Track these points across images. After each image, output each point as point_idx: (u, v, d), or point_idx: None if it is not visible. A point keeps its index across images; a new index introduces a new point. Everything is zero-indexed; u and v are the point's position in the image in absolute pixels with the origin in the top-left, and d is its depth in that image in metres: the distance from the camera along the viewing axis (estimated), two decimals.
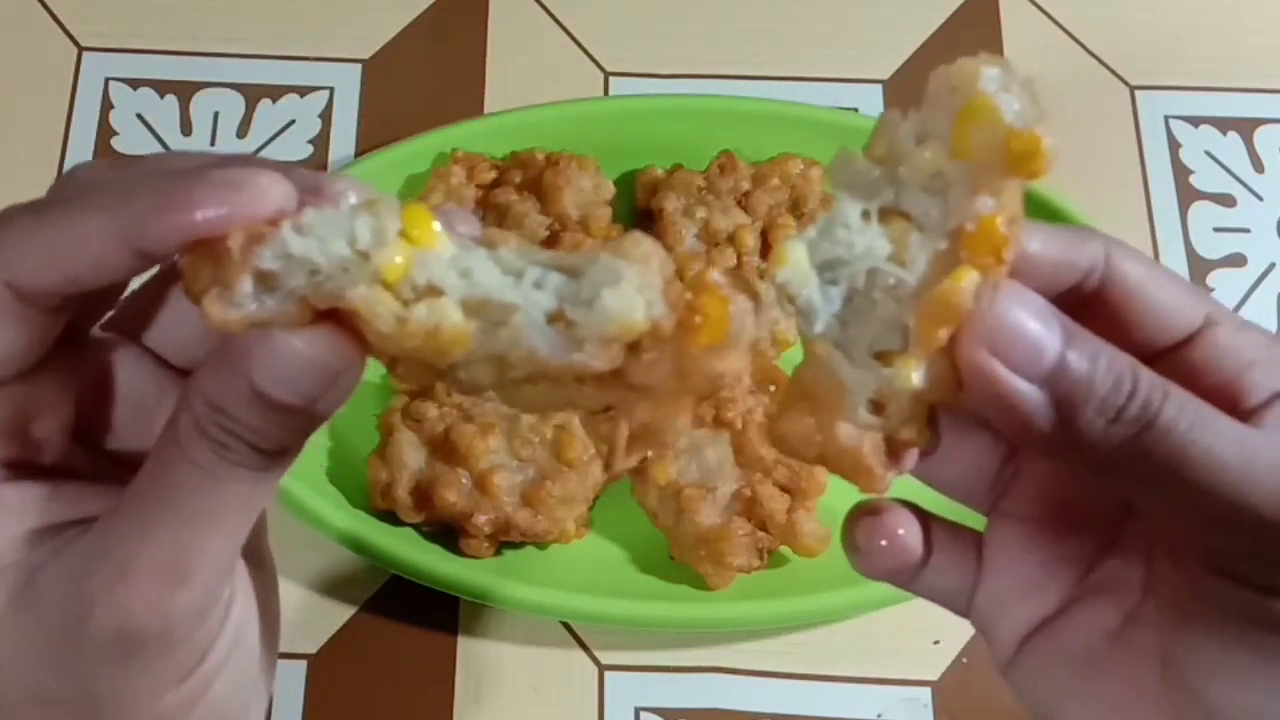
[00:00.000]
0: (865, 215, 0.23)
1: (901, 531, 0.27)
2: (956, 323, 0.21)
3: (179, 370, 0.27)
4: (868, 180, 0.23)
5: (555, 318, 0.22)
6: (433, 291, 0.22)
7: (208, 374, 0.23)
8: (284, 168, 0.23)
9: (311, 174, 0.23)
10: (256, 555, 0.28)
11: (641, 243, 0.22)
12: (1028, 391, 0.22)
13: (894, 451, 0.23)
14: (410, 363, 0.23)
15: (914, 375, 0.22)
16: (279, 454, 0.23)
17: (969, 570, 0.27)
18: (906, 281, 0.22)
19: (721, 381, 0.22)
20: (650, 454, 0.23)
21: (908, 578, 0.27)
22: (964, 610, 0.27)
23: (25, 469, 0.24)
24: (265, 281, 0.22)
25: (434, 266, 0.22)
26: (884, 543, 0.27)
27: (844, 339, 0.23)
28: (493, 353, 0.22)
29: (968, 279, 0.21)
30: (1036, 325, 0.22)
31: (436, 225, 0.22)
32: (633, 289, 0.21)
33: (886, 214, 0.23)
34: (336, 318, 0.22)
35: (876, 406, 0.23)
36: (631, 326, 0.21)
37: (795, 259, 0.23)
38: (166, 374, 0.27)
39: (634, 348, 0.22)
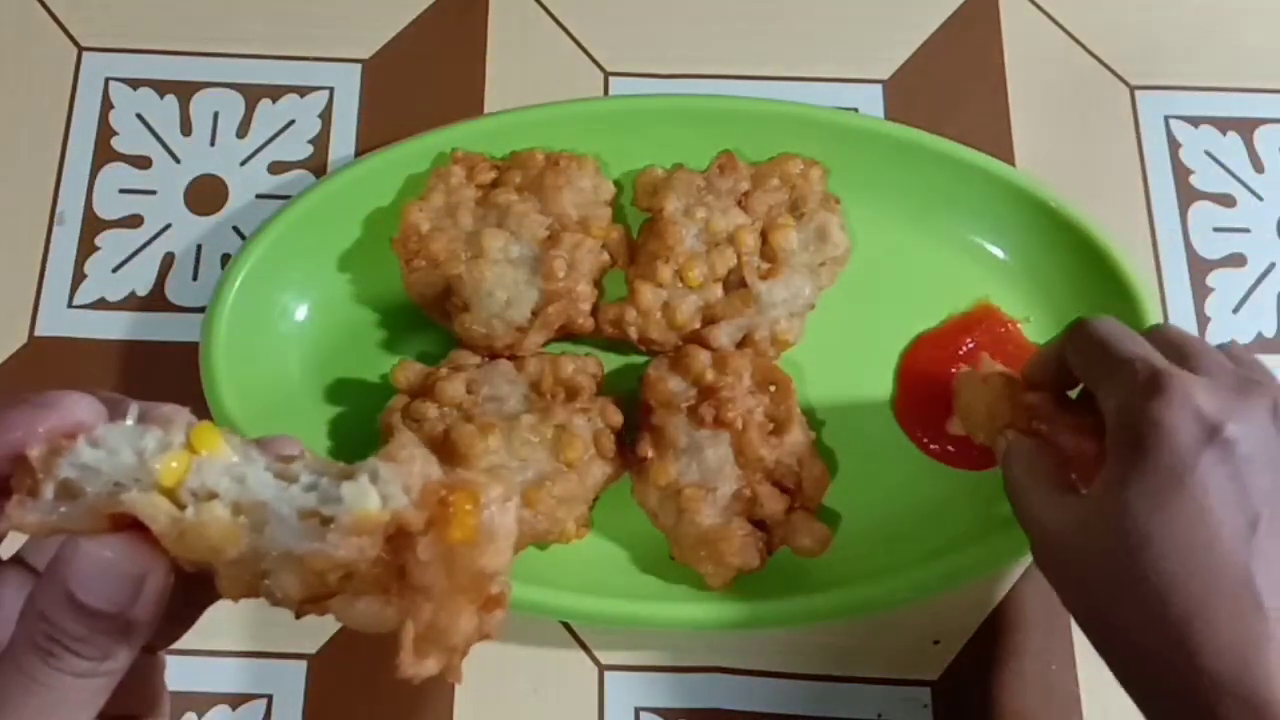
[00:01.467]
0: None
1: None
2: None
3: None
4: None
5: (311, 515, 0.25)
6: (210, 496, 0.25)
7: (39, 585, 0.25)
8: (106, 396, 0.26)
9: (125, 400, 0.27)
10: None
11: (406, 446, 0.25)
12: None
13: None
14: (228, 575, 0.25)
15: None
16: (100, 661, 0.25)
17: None
18: None
19: (488, 580, 0.24)
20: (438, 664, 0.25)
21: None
22: None
23: None
24: (70, 491, 0.25)
25: (209, 473, 0.25)
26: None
27: None
28: (264, 551, 0.25)
29: None
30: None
31: (222, 439, 0.26)
32: (367, 483, 0.24)
33: None
34: (139, 526, 0.25)
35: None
36: (367, 515, 0.24)
37: None
38: None
39: (399, 544, 0.24)
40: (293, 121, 0.58)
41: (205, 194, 0.57)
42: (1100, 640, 0.38)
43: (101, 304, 0.54)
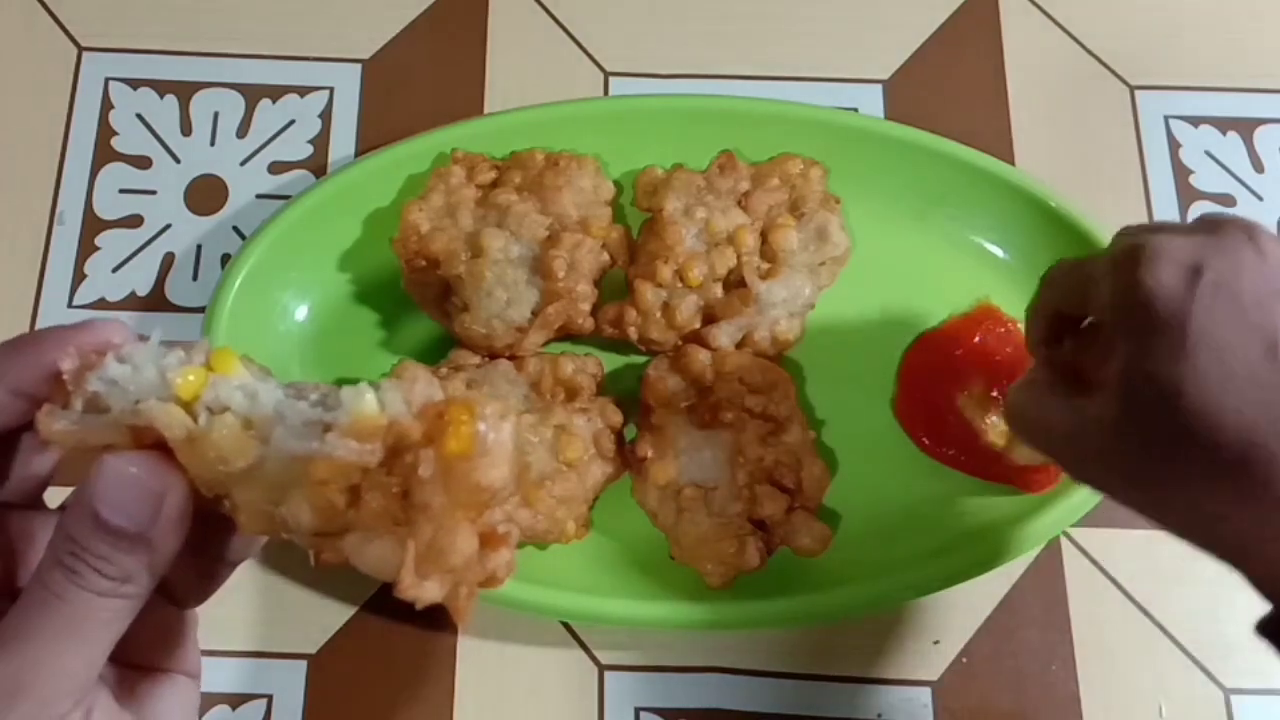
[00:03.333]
0: None
1: None
2: None
3: None
4: None
5: (315, 424, 0.26)
6: (223, 411, 0.26)
7: (68, 508, 0.26)
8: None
9: (154, 332, 0.29)
10: (155, 680, 0.30)
11: (410, 368, 0.27)
12: None
13: None
14: (244, 504, 0.26)
15: None
16: (122, 582, 0.26)
17: None
18: None
19: (486, 495, 0.25)
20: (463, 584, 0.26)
21: None
22: None
23: None
24: (97, 406, 0.26)
25: (223, 389, 0.26)
26: None
27: None
28: (271, 458, 0.26)
29: None
30: None
31: (239, 363, 0.27)
32: (366, 387, 0.26)
33: None
34: (160, 449, 0.26)
35: None
36: (364, 417, 0.25)
37: None
38: None
39: (406, 473, 0.25)
40: (293, 121, 0.58)
41: (205, 194, 0.57)
42: (1158, 505, 0.36)
43: (101, 304, 0.54)
